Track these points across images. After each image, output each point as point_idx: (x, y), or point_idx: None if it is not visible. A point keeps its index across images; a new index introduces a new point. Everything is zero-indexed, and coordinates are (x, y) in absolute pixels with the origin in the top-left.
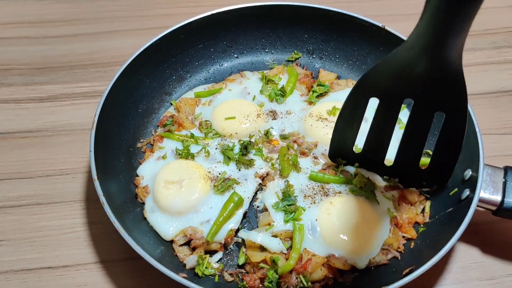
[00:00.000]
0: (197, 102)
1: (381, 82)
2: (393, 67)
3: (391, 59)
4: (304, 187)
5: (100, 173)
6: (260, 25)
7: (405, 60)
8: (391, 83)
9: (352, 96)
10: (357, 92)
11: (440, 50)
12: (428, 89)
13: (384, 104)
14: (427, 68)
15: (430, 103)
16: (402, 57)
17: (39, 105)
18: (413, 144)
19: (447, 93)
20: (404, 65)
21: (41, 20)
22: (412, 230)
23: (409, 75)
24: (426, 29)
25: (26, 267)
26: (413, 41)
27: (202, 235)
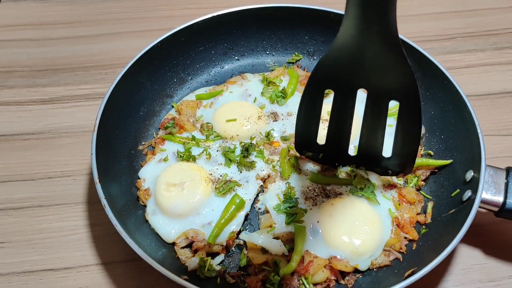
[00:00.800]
0: (198, 104)
1: (333, 73)
2: (340, 57)
3: (337, 48)
4: (305, 189)
5: (101, 176)
6: (261, 27)
7: (348, 47)
8: (342, 74)
9: (308, 89)
10: (311, 85)
11: (373, 32)
12: (377, 78)
13: (339, 95)
14: (370, 56)
15: (383, 92)
16: (346, 44)
17: (41, 107)
18: (373, 133)
19: (396, 81)
20: (349, 55)
21: (42, 22)
22: (414, 231)
23: (356, 65)
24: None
25: (28, 269)
26: (349, 25)
27: (203, 237)
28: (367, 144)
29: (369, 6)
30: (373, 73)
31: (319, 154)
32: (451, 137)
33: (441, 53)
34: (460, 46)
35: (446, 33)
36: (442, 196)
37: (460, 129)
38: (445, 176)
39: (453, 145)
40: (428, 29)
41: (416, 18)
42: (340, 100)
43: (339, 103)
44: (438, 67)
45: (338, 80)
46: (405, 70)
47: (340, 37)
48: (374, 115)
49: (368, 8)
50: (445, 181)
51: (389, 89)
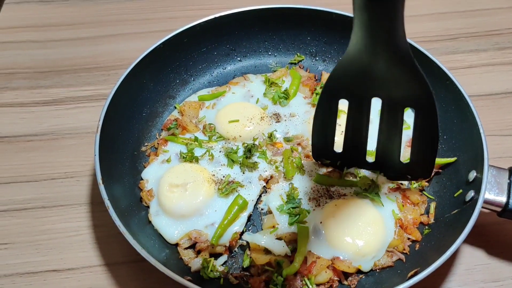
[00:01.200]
0: (200, 105)
1: (346, 83)
2: (352, 68)
3: (347, 61)
4: (308, 189)
5: (105, 177)
6: (263, 28)
7: (358, 61)
8: (355, 84)
9: (322, 100)
10: (326, 96)
11: (382, 48)
12: (391, 87)
13: (354, 105)
14: (381, 68)
15: (397, 100)
16: (355, 58)
17: (44, 108)
18: (389, 140)
19: (410, 90)
20: (360, 66)
21: (45, 24)
22: (417, 232)
23: (369, 75)
24: (360, 28)
25: (32, 270)
26: (357, 41)
27: (206, 238)
28: (384, 150)
29: (374, 25)
30: (386, 84)
31: (337, 162)
32: (453, 138)
33: (443, 54)
34: (462, 46)
35: (448, 33)
36: (445, 196)
37: (463, 129)
38: (448, 176)
39: (456, 145)
40: (430, 29)
41: (418, 19)
42: (355, 108)
43: (354, 112)
44: (441, 67)
45: (351, 90)
46: (419, 81)
47: (349, 51)
48: (390, 122)
49: (374, 26)
50: (448, 181)
51: (404, 98)
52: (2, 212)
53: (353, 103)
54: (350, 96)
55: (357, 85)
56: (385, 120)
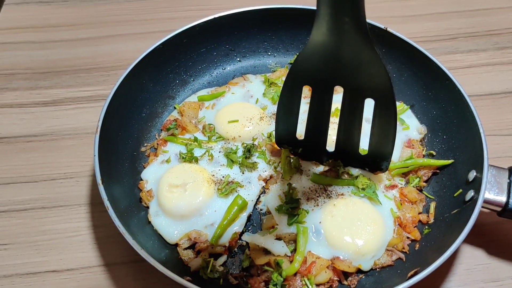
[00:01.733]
0: (200, 105)
1: (309, 70)
2: (316, 54)
3: (312, 47)
4: (307, 189)
5: (104, 177)
6: (262, 28)
7: (322, 47)
8: (318, 71)
9: (287, 85)
10: (290, 81)
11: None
12: (352, 76)
13: (317, 92)
14: (344, 54)
15: (358, 90)
16: (319, 44)
17: (43, 109)
18: (349, 130)
19: (370, 79)
20: (323, 53)
21: (44, 24)
22: (416, 231)
23: (331, 62)
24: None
25: (31, 271)
26: (320, 26)
27: (206, 238)
28: (344, 140)
29: (337, 5)
30: (348, 71)
31: (298, 149)
32: (453, 137)
33: (443, 53)
34: (462, 46)
35: (448, 33)
36: (445, 196)
37: (463, 129)
38: (448, 176)
39: (456, 145)
40: (429, 29)
41: (418, 18)
42: (318, 96)
43: (316, 100)
44: (440, 67)
45: (315, 77)
46: (379, 69)
47: (313, 35)
48: (350, 112)
49: (336, 7)
50: (448, 181)
51: (364, 87)
52: (1, 212)
53: (316, 90)
54: (313, 83)
55: (320, 72)
56: (346, 109)
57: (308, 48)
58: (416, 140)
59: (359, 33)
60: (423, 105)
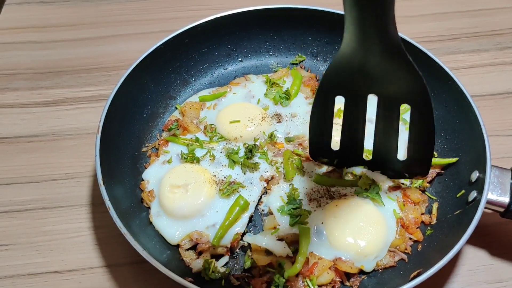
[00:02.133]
0: (201, 106)
1: (342, 80)
2: (347, 65)
3: (342, 58)
4: (309, 190)
5: (105, 178)
6: (264, 28)
7: (352, 57)
8: (351, 81)
9: (319, 97)
10: (322, 92)
11: (374, 44)
12: (386, 83)
13: (350, 101)
14: (374, 65)
15: (393, 96)
16: (349, 55)
17: (44, 109)
18: (386, 137)
19: (405, 86)
20: (355, 62)
21: (45, 24)
22: (419, 232)
23: (364, 71)
24: (352, 24)
25: (33, 272)
26: (350, 38)
27: (208, 239)
28: (381, 148)
29: (365, 21)
30: (381, 80)
31: (334, 160)
32: (456, 138)
33: (445, 54)
34: (464, 46)
35: (450, 33)
36: (447, 197)
37: (465, 129)
38: (450, 177)
39: (458, 146)
40: (432, 29)
41: (420, 19)
42: (351, 106)
43: (350, 109)
44: (443, 67)
45: (347, 87)
46: (413, 76)
47: (343, 48)
48: (386, 119)
49: (364, 22)
50: (450, 181)
51: (399, 94)
52: (2, 213)
53: (349, 100)
54: (346, 93)
55: (352, 82)
56: (381, 117)
57: (339, 58)
58: None
59: (391, 46)
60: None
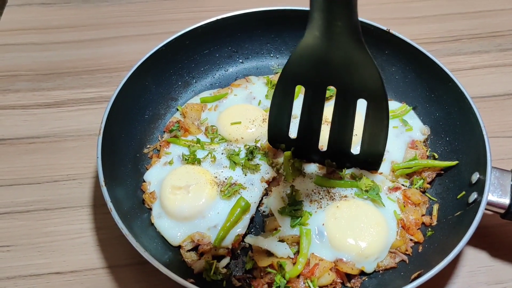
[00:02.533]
0: (203, 107)
1: (303, 70)
2: (309, 54)
3: (301, 50)
4: (310, 191)
5: (107, 179)
6: (265, 30)
7: (315, 47)
8: (312, 71)
9: (280, 84)
10: (283, 80)
11: (337, 33)
12: (345, 77)
13: (310, 91)
14: (336, 55)
15: (351, 90)
16: (312, 44)
17: (46, 110)
18: (341, 130)
19: (363, 80)
20: (317, 52)
21: (47, 26)
22: (419, 233)
23: (324, 63)
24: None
25: (34, 273)
26: (313, 27)
27: (209, 240)
28: (336, 140)
29: (329, 9)
30: (341, 71)
31: (291, 147)
32: (456, 139)
33: (446, 55)
34: (465, 48)
35: (451, 34)
36: (448, 198)
37: (466, 131)
38: (451, 178)
39: (459, 147)
40: (433, 30)
41: (421, 20)
42: (310, 96)
43: (309, 99)
44: (443, 69)
45: (308, 77)
46: (371, 70)
47: (306, 37)
48: (342, 112)
49: (329, 11)
50: (451, 183)
51: (357, 87)
52: (4, 214)
53: (309, 89)
54: (306, 82)
55: (313, 72)
56: (338, 109)
57: (301, 48)
58: (419, 141)
59: (352, 36)
60: (426, 107)
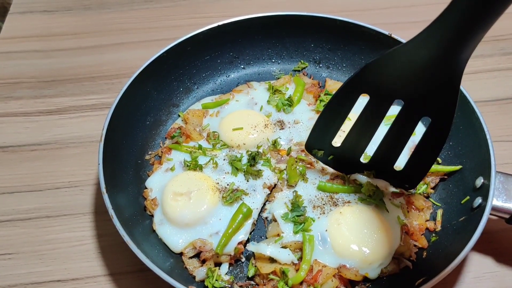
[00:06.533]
0: (204, 113)
1: (376, 79)
2: (392, 64)
3: (391, 56)
4: (312, 197)
5: (108, 186)
6: (266, 35)
7: (407, 58)
8: (385, 82)
9: (344, 89)
10: (350, 85)
11: (452, 53)
12: (420, 92)
13: (374, 102)
14: (428, 70)
15: (419, 107)
16: (405, 55)
17: (47, 117)
18: (393, 145)
19: (439, 99)
20: (404, 64)
21: (48, 33)
22: (423, 239)
23: (406, 75)
24: (444, 27)
25: (36, 281)
26: (424, 40)
27: (211, 247)
28: (384, 155)
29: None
30: (418, 87)
31: (329, 156)
32: (460, 144)
33: None
34: None
35: None
36: (452, 203)
37: (469, 135)
38: (455, 183)
39: (462, 152)
40: None
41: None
42: (373, 106)
43: (370, 109)
44: None
45: (380, 87)
46: (453, 96)
47: (404, 47)
48: (402, 127)
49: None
50: (455, 188)
51: (428, 106)
52: (6, 222)
53: (374, 99)
54: (374, 92)
55: (389, 83)
56: (398, 124)
57: (388, 56)
58: None
59: (461, 62)
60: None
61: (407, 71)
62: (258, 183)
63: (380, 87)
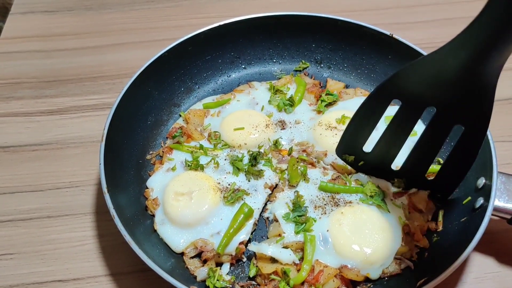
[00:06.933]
0: (205, 113)
1: (409, 85)
2: (425, 71)
3: (424, 63)
4: (314, 197)
5: (110, 186)
6: (268, 35)
7: (437, 67)
8: (418, 89)
9: (376, 94)
10: (382, 91)
11: (483, 63)
12: (454, 100)
13: (406, 109)
14: (460, 80)
15: (452, 115)
16: (436, 64)
17: (49, 118)
18: (425, 153)
19: (472, 108)
20: (437, 71)
21: (49, 33)
22: (425, 239)
23: (439, 83)
24: (475, 37)
25: (37, 281)
26: (454, 49)
27: (212, 247)
28: (416, 163)
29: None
30: (452, 96)
31: (360, 162)
32: None
33: None
34: None
35: None
36: (454, 203)
37: None
38: None
39: None
40: (436, 35)
41: (424, 25)
42: (404, 113)
43: (401, 116)
44: None
45: (411, 92)
46: (487, 105)
47: (434, 56)
48: (435, 135)
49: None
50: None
51: (460, 114)
52: (7, 222)
53: (406, 105)
54: (406, 98)
55: (421, 89)
56: (431, 132)
57: (422, 62)
58: None
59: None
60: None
61: (438, 80)
62: (260, 183)
63: (412, 94)
